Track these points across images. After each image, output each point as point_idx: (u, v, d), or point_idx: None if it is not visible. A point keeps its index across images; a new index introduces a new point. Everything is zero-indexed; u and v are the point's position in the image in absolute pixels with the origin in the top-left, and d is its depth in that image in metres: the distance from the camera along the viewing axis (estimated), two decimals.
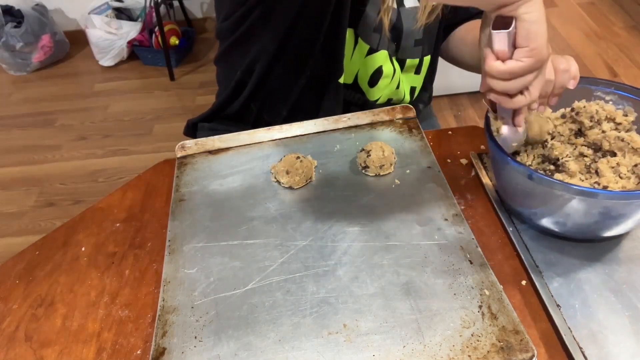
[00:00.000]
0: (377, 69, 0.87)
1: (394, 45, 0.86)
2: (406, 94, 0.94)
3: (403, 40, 0.86)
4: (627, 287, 0.60)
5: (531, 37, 0.50)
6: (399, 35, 0.85)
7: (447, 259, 0.64)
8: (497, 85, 0.55)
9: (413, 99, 0.96)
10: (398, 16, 0.83)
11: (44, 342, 0.62)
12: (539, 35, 0.51)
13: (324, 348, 0.56)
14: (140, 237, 0.74)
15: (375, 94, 0.90)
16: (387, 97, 0.92)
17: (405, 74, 0.92)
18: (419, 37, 0.87)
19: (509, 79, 0.53)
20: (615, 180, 0.63)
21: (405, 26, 0.84)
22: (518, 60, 0.52)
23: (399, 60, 0.89)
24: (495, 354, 0.54)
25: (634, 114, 0.68)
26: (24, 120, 2.40)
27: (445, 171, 0.77)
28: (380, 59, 0.86)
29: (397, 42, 0.86)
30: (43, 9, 2.72)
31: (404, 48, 0.87)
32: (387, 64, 0.87)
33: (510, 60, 0.52)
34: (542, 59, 0.52)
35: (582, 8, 2.72)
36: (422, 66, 0.91)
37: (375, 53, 0.85)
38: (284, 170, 0.76)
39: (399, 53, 0.88)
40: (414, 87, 0.94)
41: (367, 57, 0.85)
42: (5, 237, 1.82)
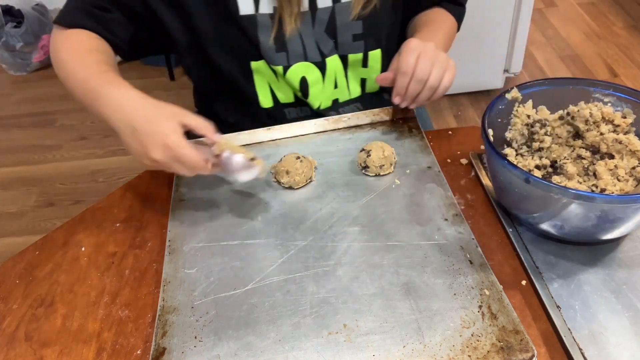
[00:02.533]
0: (301, 80, 0.87)
1: (332, 42, 0.85)
2: (353, 89, 0.92)
3: (340, 36, 0.84)
4: (628, 288, 0.60)
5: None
6: (334, 31, 0.84)
7: (447, 259, 0.64)
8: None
9: (366, 90, 0.94)
10: (332, 12, 0.82)
11: (44, 342, 0.62)
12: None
13: (324, 348, 0.56)
14: (140, 237, 0.74)
15: (314, 102, 0.90)
16: (329, 99, 0.91)
17: (352, 69, 0.90)
18: (359, 32, 0.85)
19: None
20: (613, 182, 0.63)
21: (339, 22, 0.83)
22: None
23: (341, 56, 0.88)
24: (495, 354, 0.54)
25: (632, 116, 0.68)
26: (24, 120, 2.40)
27: (445, 171, 0.77)
28: (299, 71, 0.86)
29: (334, 38, 0.85)
30: (43, 9, 2.72)
31: (342, 43, 0.85)
32: (310, 71, 0.86)
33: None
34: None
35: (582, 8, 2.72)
36: (368, 60, 0.89)
37: (291, 68, 0.85)
38: (284, 170, 0.76)
39: (339, 49, 0.86)
40: (364, 78, 0.92)
41: (285, 75, 0.85)
42: (5, 237, 1.82)
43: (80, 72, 0.73)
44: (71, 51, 0.77)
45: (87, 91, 0.71)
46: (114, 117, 0.67)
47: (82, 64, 0.75)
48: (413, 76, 0.74)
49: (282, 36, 0.81)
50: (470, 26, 1.95)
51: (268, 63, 0.84)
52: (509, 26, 1.99)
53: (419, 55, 0.74)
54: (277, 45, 0.82)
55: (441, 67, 0.75)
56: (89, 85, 0.71)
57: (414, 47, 0.75)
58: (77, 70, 0.74)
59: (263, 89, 0.88)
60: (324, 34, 0.84)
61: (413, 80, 0.75)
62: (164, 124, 0.64)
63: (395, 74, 0.77)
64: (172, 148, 0.63)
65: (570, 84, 0.71)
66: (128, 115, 0.66)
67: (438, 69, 0.75)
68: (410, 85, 0.76)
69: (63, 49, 0.78)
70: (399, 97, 0.78)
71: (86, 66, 0.74)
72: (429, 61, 0.74)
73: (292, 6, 0.79)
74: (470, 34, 1.99)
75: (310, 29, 0.83)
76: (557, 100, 0.71)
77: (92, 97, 0.70)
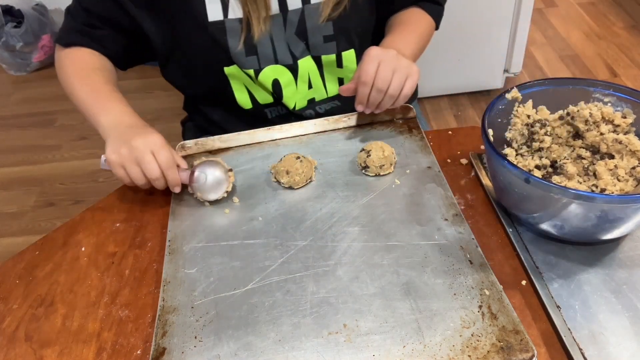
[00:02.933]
0: (274, 82, 0.87)
1: (303, 44, 0.85)
2: (331, 88, 0.93)
3: (310, 38, 0.84)
4: (628, 288, 0.60)
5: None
6: (304, 33, 0.84)
7: (447, 259, 0.64)
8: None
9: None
10: (302, 14, 0.82)
11: (44, 342, 0.62)
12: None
13: (324, 348, 0.56)
14: (140, 237, 0.74)
15: (288, 103, 0.90)
16: (304, 99, 0.92)
17: (327, 70, 0.90)
18: (330, 33, 0.85)
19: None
20: (613, 182, 0.63)
21: (309, 24, 0.83)
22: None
23: (314, 57, 0.88)
24: (495, 354, 0.54)
25: (632, 115, 0.68)
26: (24, 120, 2.40)
27: (445, 171, 0.77)
28: (271, 74, 0.86)
29: (305, 40, 0.85)
30: (43, 9, 2.72)
31: (314, 45, 0.86)
32: (282, 74, 0.87)
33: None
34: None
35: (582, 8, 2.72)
36: (342, 60, 0.89)
37: (262, 71, 0.85)
38: (284, 170, 0.76)
39: (311, 51, 0.87)
40: (341, 77, 0.92)
41: (258, 78, 0.86)
42: (5, 237, 1.82)
43: (82, 94, 0.82)
44: (73, 71, 0.85)
45: (88, 114, 0.81)
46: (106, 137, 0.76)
47: (84, 85, 0.83)
48: (373, 85, 0.75)
49: (251, 40, 0.82)
50: (470, 26, 1.96)
51: (240, 67, 0.84)
52: (509, 26, 1.99)
53: (379, 64, 0.75)
54: (246, 50, 0.82)
55: (402, 74, 0.75)
56: (90, 111, 0.80)
57: (374, 56, 0.75)
58: (79, 90, 0.83)
59: (240, 91, 0.89)
60: (295, 36, 0.84)
61: (373, 89, 0.75)
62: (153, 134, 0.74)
63: (357, 83, 0.77)
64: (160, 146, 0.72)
65: (570, 84, 0.71)
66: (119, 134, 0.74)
67: (399, 77, 0.75)
68: (371, 95, 0.76)
69: (66, 66, 0.86)
70: (360, 105, 0.79)
71: (87, 88, 0.82)
72: (389, 69, 0.75)
73: (259, 10, 0.79)
74: (470, 34, 1.99)
75: (282, 32, 0.83)
76: (557, 100, 0.71)
77: (92, 122, 0.81)
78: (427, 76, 2.07)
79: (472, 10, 1.92)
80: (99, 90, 0.82)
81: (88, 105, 0.80)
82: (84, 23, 0.85)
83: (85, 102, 0.81)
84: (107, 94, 0.81)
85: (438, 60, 2.05)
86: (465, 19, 1.94)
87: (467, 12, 1.92)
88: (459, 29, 1.96)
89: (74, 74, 0.84)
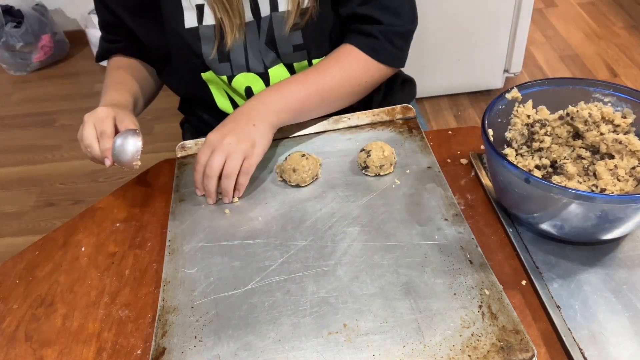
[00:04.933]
0: (246, 89, 0.87)
1: (273, 52, 0.84)
2: None
3: (280, 47, 0.83)
4: (628, 288, 0.60)
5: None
6: (273, 42, 0.82)
7: (447, 259, 0.64)
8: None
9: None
10: (270, 22, 0.81)
11: (44, 342, 0.62)
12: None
13: (324, 348, 0.56)
14: (140, 237, 0.74)
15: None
16: None
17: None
18: (299, 42, 0.82)
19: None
20: (613, 182, 0.63)
21: (277, 33, 0.81)
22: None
23: (287, 65, 0.86)
24: (495, 354, 0.54)
25: (632, 115, 0.67)
26: (24, 120, 2.40)
27: (445, 171, 0.77)
28: (243, 80, 0.86)
29: (275, 49, 0.83)
30: (43, 9, 2.72)
31: (284, 55, 0.84)
32: (254, 82, 0.86)
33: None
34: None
35: (582, 8, 2.72)
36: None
37: (235, 77, 0.85)
38: (291, 169, 0.76)
39: (283, 59, 0.85)
40: None
41: (231, 84, 0.86)
42: (5, 237, 1.82)
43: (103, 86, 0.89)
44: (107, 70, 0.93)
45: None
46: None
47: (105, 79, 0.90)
48: (205, 173, 0.73)
49: (225, 47, 0.81)
50: (470, 26, 1.97)
51: (215, 73, 0.85)
52: (509, 26, 1.99)
53: (213, 151, 0.73)
54: (220, 56, 0.83)
55: (237, 157, 0.73)
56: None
57: (209, 142, 0.74)
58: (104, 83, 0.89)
59: (221, 96, 0.90)
60: (264, 45, 0.83)
61: (205, 176, 0.74)
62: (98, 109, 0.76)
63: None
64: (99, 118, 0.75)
65: (570, 84, 0.71)
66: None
67: (234, 160, 0.73)
68: (204, 181, 0.74)
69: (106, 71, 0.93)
70: (198, 191, 0.77)
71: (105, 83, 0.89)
72: (222, 155, 0.73)
73: (233, 17, 0.79)
74: (470, 34, 1.99)
75: (256, 39, 0.83)
76: (557, 100, 0.71)
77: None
78: (427, 76, 2.07)
79: (472, 10, 1.92)
80: (107, 86, 0.87)
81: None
82: (106, 39, 0.93)
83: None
84: (110, 87, 0.86)
85: (438, 60, 2.05)
86: (465, 19, 1.94)
87: (467, 12, 1.92)
88: (459, 29, 1.96)
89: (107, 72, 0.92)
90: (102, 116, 0.74)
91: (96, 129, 0.74)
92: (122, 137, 0.73)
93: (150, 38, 0.86)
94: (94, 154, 0.74)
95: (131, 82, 0.88)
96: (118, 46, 0.92)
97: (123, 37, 0.90)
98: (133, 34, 0.87)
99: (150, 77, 0.95)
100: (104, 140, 0.73)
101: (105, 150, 0.73)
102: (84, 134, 0.74)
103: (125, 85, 0.86)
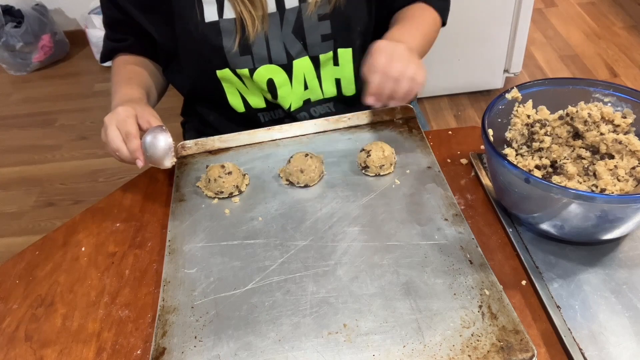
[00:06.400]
0: (269, 82, 0.86)
1: (300, 44, 0.84)
2: (327, 89, 0.92)
3: (308, 37, 0.83)
4: (628, 288, 0.60)
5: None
6: (302, 32, 0.83)
7: (447, 259, 0.64)
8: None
9: (343, 92, 0.93)
10: (299, 13, 0.81)
11: (44, 342, 0.62)
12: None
13: (324, 348, 0.56)
14: (140, 237, 0.74)
15: (284, 103, 0.90)
16: (300, 100, 0.91)
17: (324, 69, 0.89)
18: (327, 32, 0.84)
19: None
20: (613, 182, 0.63)
21: (306, 23, 0.82)
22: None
23: (312, 57, 0.87)
24: (495, 354, 0.54)
25: (632, 115, 0.68)
26: (24, 120, 2.40)
27: (445, 171, 0.77)
28: (265, 73, 0.86)
29: (303, 40, 0.84)
30: (43, 9, 2.72)
31: (312, 45, 0.85)
32: (276, 74, 0.86)
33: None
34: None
35: (582, 8, 2.72)
36: (338, 58, 0.88)
37: (257, 70, 0.85)
38: (298, 170, 0.75)
39: (309, 51, 0.86)
40: (338, 78, 0.91)
41: (252, 77, 0.85)
42: (5, 237, 1.82)
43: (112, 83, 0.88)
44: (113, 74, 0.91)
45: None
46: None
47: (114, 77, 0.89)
48: (387, 74, 0.73)
49: (247, 40, 0.81)
50: (470, 26, 1.96)
51: (233, 68, 0.84)
52: (509, 26, 1.99)
53: (390, 55, 0.74)
54: (241, 49, 0.82)
55: (415, 65, 0.74)
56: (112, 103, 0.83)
57: (383, 48, 0.75)
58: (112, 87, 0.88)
59: (233, 95, 0.89)
60: (292, 35, 0.83)
61: (388, 78, 0.73)
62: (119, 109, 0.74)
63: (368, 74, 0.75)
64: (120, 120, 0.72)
65: (570, 84, 0.71)
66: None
67: (412, 66, 0.74)
68: (385, 84, 0.74)
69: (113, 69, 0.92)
70: (372, 97, 0.76)
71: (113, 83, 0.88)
72: (402, 60, 0.74)
73: (256, 9, 0.79)
74: (470, 34, 1.99)
75: (278, 31, 0.83)
76: (557, 100, 0.71)
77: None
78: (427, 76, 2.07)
79: (472, 10, 1.92)
80: (117, 83, 0.86)
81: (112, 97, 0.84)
82: (112, 38, 0.92)
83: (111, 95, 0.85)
84: (121, 83, 0.85)
85: (438, 60, 2.05)
86: (465, 19, 1.94)
87: (467, 12, 1.92)
88: (459, 29, 1.96)
89: (113, 71, 0.91)
90: (123, 116, 0.72)
91: (120, 130, 0.72)
92: (151, 135, 0.72)
93: (159, 34, 0.86)
94: (124, 157, 0.73)
95: (142, 76, 0.88)
96: (124, 44, 0.91)
97: (129, 35, 0.90)
98: (140, 32, 0.87)
99: (159, 73, 0.94)
100: (131, 141, 0.71)
101: (134, 151, 0.72)
102: (109, 137, 0.72)
103: (136, 80, 0.86)
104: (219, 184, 0.75)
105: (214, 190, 0.76)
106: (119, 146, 0.72)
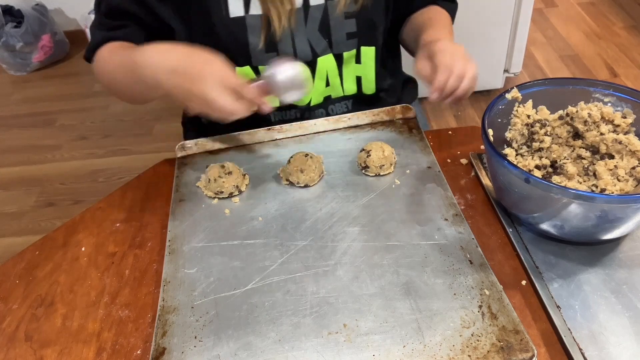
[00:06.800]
0: None
1: (325, 41, 0.85)
2: (348, 87, 0.92)
3: (333, 34, 0.84)
4: (628, 288, 0.60)
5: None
6: (327, 29, 0.84)
7: (447, 259, 0.64)
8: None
9: (363, 91, 0.93)
10: (325, 10, 0.82)
11: (44, 342, 0.62)
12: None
13: (324, 348, 0.56)
14: (140, 237, 0.74)
15: (304, 98, 0.89)
16: (320, 96, 0.91)
17: (346, 67, 0.89)
18: (352, 31, 0.84)
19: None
20: (613, 182, 0.63)
21: (332, 20, 0.83)
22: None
23: (336, 55, 0.87)
24: (495, 354, 0.54)
25: (632, 115, 0.68)
26: (24, 120, 2.40)
27: (445, 171, 0.77)
28: None
29: (328, 37, 0.84)
30: (43, 9, 2.72)
31: (337, 42, 0.85)
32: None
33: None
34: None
35: (582, 8, 2.72)
36: (360, 55, 0.89)
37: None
38: (298, 170, 0.75)
39: (333, 48, 0.86)
40: (359, 76, 0.91)
41: None
42: (5, 237, 1.82)
43: (116, 63, 0.79)
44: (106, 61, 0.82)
45: (126, 70, 0.75)
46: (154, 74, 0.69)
47: (115, 58, 0.80)
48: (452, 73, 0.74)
49: (273, 36, 0.81)
50: (470, 26, 1.96)
51: (257, 65, 0.83)
52: (509, 26, 1.99)
53: (452, 55, 0.75)
54: (267, 46, 0.82)
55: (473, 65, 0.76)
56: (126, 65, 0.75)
57: (447, 48, 0.76)
58: (114, 64, 0.79)
59: None
60: (317, 32, 0.83)
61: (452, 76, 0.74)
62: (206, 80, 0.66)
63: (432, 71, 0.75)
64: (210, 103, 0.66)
65: (570, 84, 0.71)
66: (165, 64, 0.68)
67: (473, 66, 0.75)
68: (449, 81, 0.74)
69: (101, 65, 0.83)
70: (437, 92, 0.75)
71: (118, 57, 0.79)
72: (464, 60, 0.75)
73: (283, 5, 0.78)
74: (470, 34, 1.99)
75: (303, 28, 0.83)
76: (557, 100, 0.71)
77: (132, 70, 0.72)
78: None
79: (472, 10, 1.92)
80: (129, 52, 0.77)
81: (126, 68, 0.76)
82: (108, 26, 0.84)
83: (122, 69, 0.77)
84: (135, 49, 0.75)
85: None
86: (465, 19, 1.93)
87: (467, 12, 1.91)
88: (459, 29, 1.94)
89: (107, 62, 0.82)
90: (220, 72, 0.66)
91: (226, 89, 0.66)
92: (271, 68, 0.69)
93: (182, 29, 0.83)
94: (246, 113, 0.68)
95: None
96: (124, 31, 0.84)
97: (130, 22, 0.84)
98: (141, 20, 0.83)
99: None
100: (246, 91, 0.67)
101: (255, 98, 0.68)
102: (221, 104, 0.66)
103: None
104: (219, 184, 0.75)
105: (214, 190, 0.76)
106: (235, 109, 0.66)
